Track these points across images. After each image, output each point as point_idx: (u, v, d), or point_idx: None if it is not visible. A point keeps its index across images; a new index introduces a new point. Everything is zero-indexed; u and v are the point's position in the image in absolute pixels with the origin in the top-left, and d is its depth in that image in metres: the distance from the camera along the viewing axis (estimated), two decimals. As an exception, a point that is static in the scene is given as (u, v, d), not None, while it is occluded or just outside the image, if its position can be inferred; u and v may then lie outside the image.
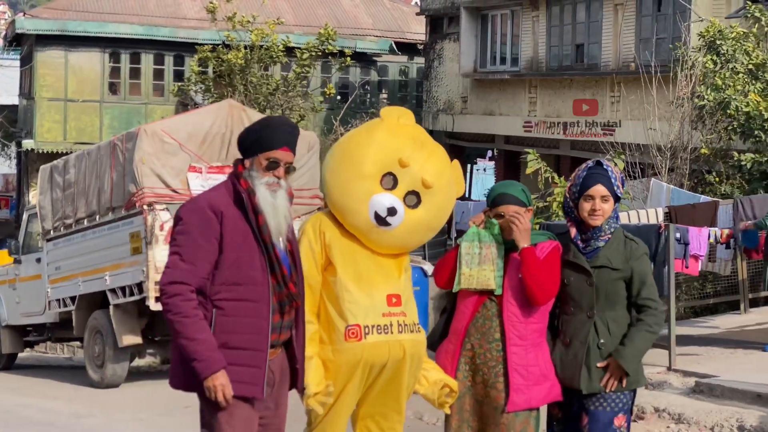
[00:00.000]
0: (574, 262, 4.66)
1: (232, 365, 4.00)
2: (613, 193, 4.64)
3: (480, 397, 4.68)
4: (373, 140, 4.65)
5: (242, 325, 4.04)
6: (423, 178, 4.63)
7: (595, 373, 4.58)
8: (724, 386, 8.25)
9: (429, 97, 26.55)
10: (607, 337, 4.60)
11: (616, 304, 4.64)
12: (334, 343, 4.55)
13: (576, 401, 4.69)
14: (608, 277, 4.62)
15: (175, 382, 4.13)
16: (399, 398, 4.70)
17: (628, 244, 4.68)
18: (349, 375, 4.55)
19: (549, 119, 20.99)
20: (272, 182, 4.12)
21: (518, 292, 4.62)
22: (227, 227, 4.04)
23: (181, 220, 4.07)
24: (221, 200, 4.08)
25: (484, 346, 4.66)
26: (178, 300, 3.95)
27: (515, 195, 4.70)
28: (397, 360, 4.59)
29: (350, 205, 4.58)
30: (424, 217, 4.68)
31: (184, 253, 4.00)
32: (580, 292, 4.63)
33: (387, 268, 4.68)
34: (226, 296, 4.04)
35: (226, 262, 4.04)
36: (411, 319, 4.68)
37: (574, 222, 4.71)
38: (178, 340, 3.95)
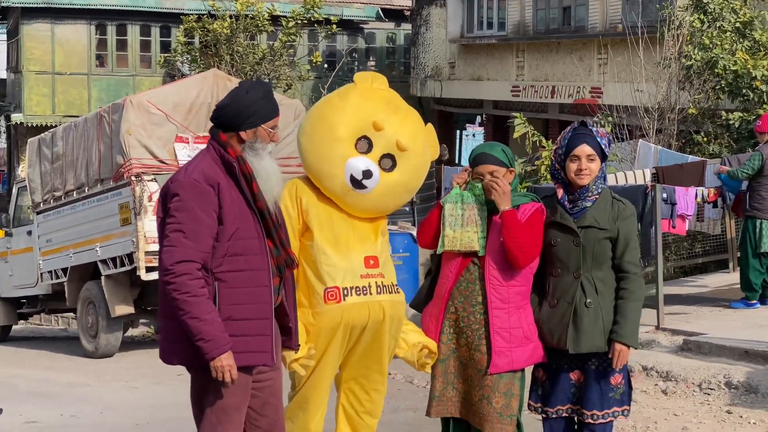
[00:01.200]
0: (560, 223, 4.64)
1: (240, 336, 4.00)
2: (599, 152, 4.62)
3: (464, 359, 4.69)
4: (347, 104, 4.66)
5: (246, 296, 4.03)
6: (398, 141, 4.65)
7: (583, 333, 4.57)
8: (711, 343, 8.31)
9: (417, 64, 26.44)
10: (594, 297, 4.60)
11: (603, 264, 4.63)
12: (313, 306, 4.58)
13: (565, 362, 4.69)
14: (595, 236, 4.61)
15: (170, 358, 4.10)
16: (381, 360, 4.72)
17: (615, 204, 4.67)
18: (329, 337, 4.57)
19: (537, 83, 20.93)
20: (271, 150, 4.13)
21: (499, 255, 4.61)
22: (224, 199, 4.02)
23: (177, 195, 3.99)
24: (213, 171, 4.04)
25: (468, 309, 4.66)
26: (186, 279, 3.91)
27: (495, 155, 4.68)
28: (377, 321, 4.62)
29: (326, 169, 4.59)
30: (399, 180, 4.70)
31: (186, 230, 3.95)
32: (567, 252, 4.62)
33: (364, 231, 4.71)
34: (228, 268, 4.02)
35: (226, 234, 4.02)
36: (389, 280, 4.71)
37: (561, 183, 4.70)
38: (185, 319, 3.91)
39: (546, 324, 4.66)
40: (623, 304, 4.59)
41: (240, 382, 4.05)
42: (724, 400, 7.30)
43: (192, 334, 3.92)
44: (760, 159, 9.76)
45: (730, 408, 7.09)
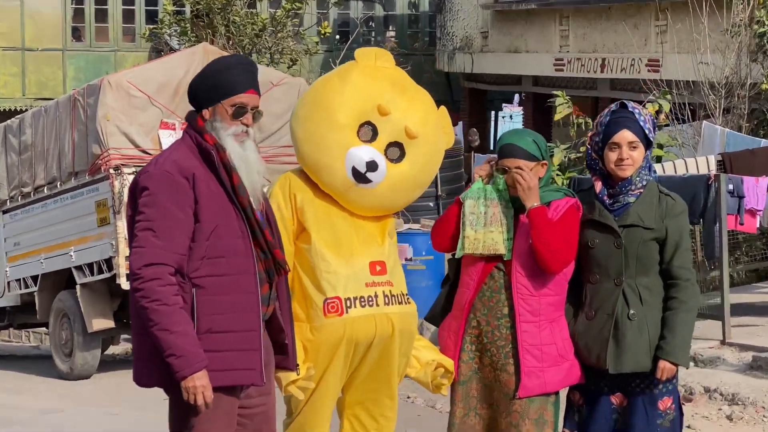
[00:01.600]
0: (599, 222, 4.67)
1: (222, 351, 4.02)
2: (642, 138, 4.64)
3: (489, 381, 4.72)
4: (347, 85, 4.68)
5: (228, 304, 4.05)
6: (406, 127, 4.67)
7: (625, 350, 4.59)
8: (787, 361, 8.33)
9: (443, 34, 26.47)
10: (639, 307, 4.62)
11: (649, 269, 4.66)
12: (311, 320, 4.60)
13: (605, 383, 4.72)
14: (639, 237, 4.63)
15: (144, 379, 4.13)
16: (390, 381, 4.76)
17: (663, 199, 4.69)
18: (330, 355, 4.60)
19: (584, 55, 20.93)
20: (240, 131, 4.13)
21: (528, 259, 4.63)
22: (201, 192, 4.04)
23: (146, 189, 4.01)
24: (188, 161, 4.07)
25: (492, 323, 4.68)
26: (155, 285, 3.92)
27: (523, 147, 4.69)
28: (385, 336, 4.64)
29: (324, 160, 4.62)
30: (409, 172, 4.72)
31: (156, 228, 3.97)
32: (607, 255, 4.65)
33: (368, 232, 4.73)
34: (207, 272, 4.04)
35: (204, 232, 4.04)
36: (398, 288, 4.73)
37: (600, 175, 4.73)
38: (154, 331, 3.93)
39: (583, 339, 4.69)
40: (672, 316, 4.61)
41: (223, 406, 4.08)
42: (800, 426, 7.34)
43: (161, 348, 3.94)
44: None
45: (806, 436, 7.13)
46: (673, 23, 17.89)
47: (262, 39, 20.18)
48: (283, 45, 20.55)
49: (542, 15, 22.37)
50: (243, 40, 19.81)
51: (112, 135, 10.79)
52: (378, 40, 28.54)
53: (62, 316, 11.82)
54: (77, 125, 11.31)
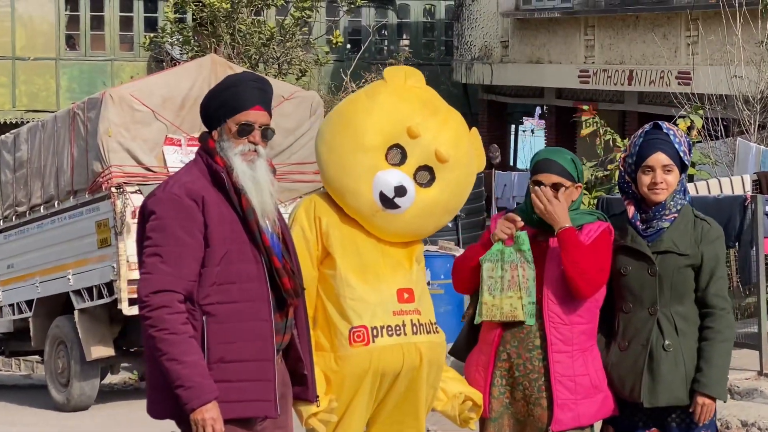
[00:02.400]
0: (632, 248, 4.77)
1: (235, 381, 4.12)
2: (678, 161, 4.74)
3: (522, 416, 4.80)
4: (375, 106, 4.77)
5: (241, 332, 4.15)
6: (437, 150, 4.74)
7: (661, 383, 4.69)
8: (827, 393, 8.41)
9: (461, 43, 26.63)
10: (674, 338, 4.71)
11: (684, 297, 4.75)
12: (336, 349, 4.67)
13: (640, 417, 4.81)
14: (675, 264, 4.72)
15: (157, 410, 4.23)
16: (417, 414, 4.83)
17: (698, 224, 4.79)
18: (355, 387, 4.68)
19: (611, 67, 21.06)
20: (247, 150, 4.22)
21: (560, 286, 4.72)
22: (211, 216, 4.14)
23: (153, 213, 4.13)
24: (198, 184, 4.17)
25: (524, 356, 4.77)
26: (164, 313, 4.03)
27: (562, 163, 4.78)
28: (412, 367, 4.72)
29: (350, 184, 4.71)
30: (439, 198, 4.81)
31: (165, 254, 4.07)
32: (641, 283, 4.74)
33: (396, 259, 4.81)
34: (218, 299, 4.14)
35: (215, 258, 4.13)
36: (427, 317, 4.80)
37: (632, 199, 4.82)
38: (162, 361, 4.04)
39: (615, 371, 4.78)
40: (709, 347, 4.70)
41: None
42: (842, 462, 7.42)
43: (170, 379, 4.03)
44: None
45: None
46: (705, 34, 18.01)
47: (269, 48, 20.35)
48: (291, 55, 20.72)
49: (566, 24, 22.52)
50: (249, 49, 19.98)
51: (113, 151, 10.91)
52: (391, 50, 28.70)
53: (58, 344, 11.92)
54: (77, 141, 11.44)
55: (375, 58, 27.38)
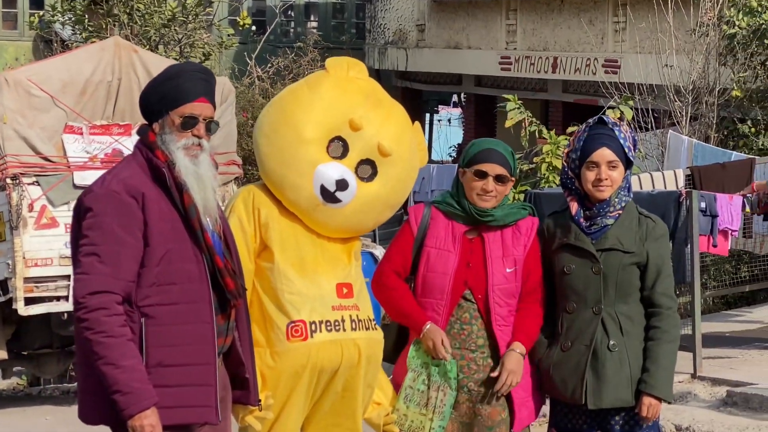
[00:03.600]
0: (576, 245, 4.99)
1: (175, 386, 4.27)
2: (623, 157, 4.97)
3: (466, 418, 5.05)
4: (317, 97, 4.98)
5: (181, 335, 4.29)
6: (379, 144, 4.96)
7: (605, 384, 4.91)
8: (762, 396, 8.69)
9: (373, 26, 26.79)
10: (619, 338, 4.94)
11: (629, 297, 4.99)
12: (272, 344, 4.87)
13: (583, 420, 5.03)
14: (619, 262, 4.95)
15: (90, 416, 4.35)
16: (354, 415, 5.04)
17: (643, 221, 5.03)
18: (293, 383, 4.88)
19: (534, 53, 21.33)
20: (191, 144, 4.37)
21: (503, 291, 5.02)
22: (151, 213, 4.27)
23: (90, 210, 4.26)
24: (138, 180, 4.30)
25: (467, 356, 5.02)
26: (101, 315, 4.16)
27: (503, 153, 5.05)
28: (350, 365, 4.94)
29: (290, 177, 4.90)
30: (380, 192, 5.02)
31: (102, 253, 4.20)
32: (585, 282, 4.97)
33: (334, 253, 5.02)
34: (158, 300, 4.28)
35: (155, 257, 4.27)
36: (365, 313, 5.02)
37: (576, 196, 5.05)
38: (99, 366, 4.17)
39: (557, 372, 5.00)
40: (656, 347, 4.94)
41: None
42: (779, 467, 7.72)
43: (107, 384, 4.17)
44: None
45: (785, 478, 7.52)
46: (634, 20, 18.37)
47: (170, 30, 20.28)
48: (194, 37, 20.67)
49: (487, 7, 22.77)
50: (149, 30, 19.88)
51: (9, 139, 10.86)
52: (298, 32, 28.77)
53: (-55, 346, 11.88)
54: (-32, 128, 11.40)
55: (281, 41, 27.42)
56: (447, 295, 5.03)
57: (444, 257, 5.06)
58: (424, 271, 5.09)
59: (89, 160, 11.08)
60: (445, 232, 5.10)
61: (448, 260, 5.05)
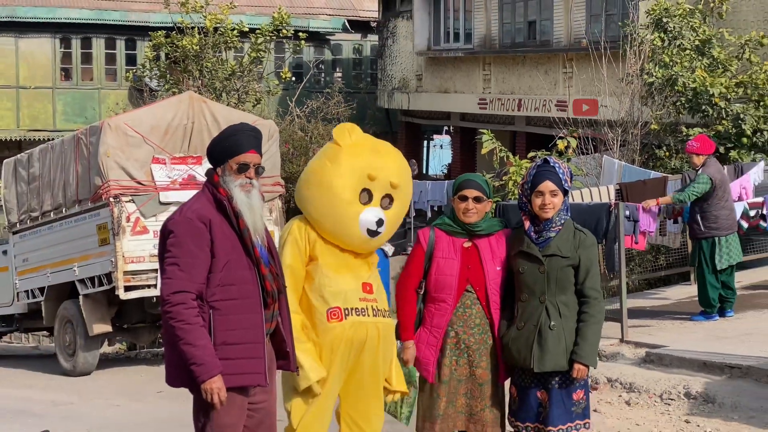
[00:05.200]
0: (527, 252, 5.15)
1: (235, 359, 4.46)
2: (561, 187, 5.13)
3: (462, 377, 5.28)
4: (340, 167, 5.18)
5: (239, 322, 4.49)
6: (391, 182, 5.20)
7: (547, 353, 5.08)
8: (672, 356, 8.79)
9: (384, 75, 26.89)
10: (558, 320, 5.11)
11: (566, 290, 5.14)
12: (316, 326, 5.10)
13: (532, 380, 5.20)
14: (558, 264, 5.11)
15: (174, 382, 4.57)
16: (377, 384, 5.24)
17: (577, 234, 5.18)
18: (333, 354, 5.08)
19: (504, 96, 21.43)
20: (245, 183, 4.57)
21: (497, 282, 5.23)
22: (216, 234, 4.48)
23: (172, 233, 4.48)
24: (206, 210, 4.52)
25: (468, 332, 5.25)
26: (181, 308, 4.37)
27: (478, 182, 5.29)
28: (373, 341, 5.17)
29: (343, 230, 5.14)
30: (398, 213, 5.29)
31: (181, 263, 4.42)
32: (533, 279, 5.13)
33: (359, 263, 5.27)
34: (221, 297, 4.48)
35: (219, 265, 4.48)
36: (382, 305, 5.27)
37: (528, 215, 5.21)
38: (180, 345, 4.38)
39: (514, 344, 5.17)
40: (584, 327, 5.11)
41: (236, 402, 4.51)
42: (684, 410, 7.79)
43: (186, 358, 4.38)
44: (710, 182, 10.11)
45: (688, 417, 7.58)
46: (578, 71, 18.47)
47: (230, 82, 20.43)
48: (248, 87, 20.83)
49: (468, 61, 22.86)
50: (214, 82, 20.05)
51: (111, 169, 11.05)
52: (327, 80, 28.90)
53: (66, 322, 12.03)
54: (81, 160, 11.55)
55: (314, 87, 27.58)
56: (454, 290, 5.24)
57: (450, 264, 5.27)
58: (435, 275, 5.29)
59: (171, 183, 11.27)
60: (448, 246, 5.30)
61: (453, 265, 5.26)
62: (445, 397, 5.26)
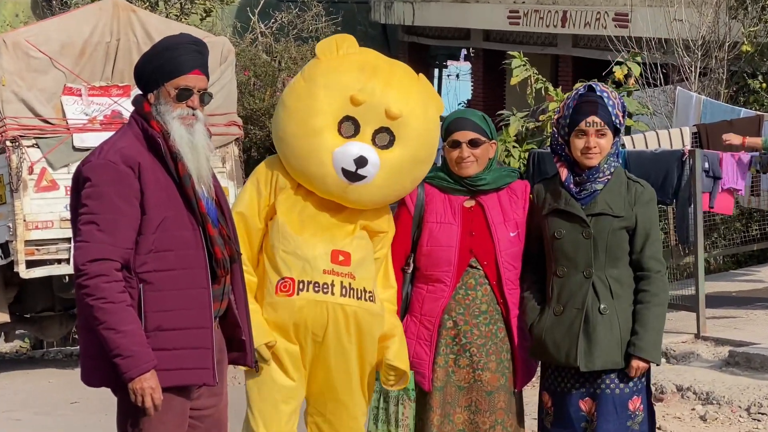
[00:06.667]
0: (566, 211, 5.17)
1: (172, 349, 4.48)
2: (610, 124, 5.14)
3: (465, 383, 5.28)
4: (313, 86, 5.17)
5: (178, 300, 4.51)
6: (387, 110, 5.14)
7: (596, 346, 5.10)
8: (765, 356, 8.82)
9: (380, -21, 26.75)
10: (610, 301, 5.13)
11: (619, 260, 5.17)
12: (263, 297, 5.17)
13: (573, 384, 5.23)
14: (609, 226, 5.13)
15: (91, 378, 4.58)
16: (351, 389, 5.23)
17: (631, 186, 5.20)
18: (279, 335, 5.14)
19: (542, 7, 21.33)
20: (186, 114, 4.57)
21: (510, 251, 5.27)
22: (147, 182, 4.48)
23: (88, 180, 4.47)
24: (134, 150, 4.52)
25: (471, 322, 5.26)
26: (100, 282, 4.37)
27: (473, 119, 5.29)
28: (338, 330, 5.14)
29: (313, 170, 5.13)
30: (404, 155, 5.19)
31: (101, 221, 4.41)
32: (575, 246, 5.15)
33: (339, 222, 5.21)
34: (155, 267, 4.49)
35: (151, 225, 4.48)
36: (361, 284, 5.20)
37: (565, 162, 5.23)
38: (100, 330, 4.38)
39: (549, 336, 5.18)
40: (645, 310, 5.15)
41: (174, 407, 4.54)
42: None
43: (108, 348, 4.39)
44: None
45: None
46: (644, -28, 18.37)
47: (169, -15, 20.38)
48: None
49: (494, -41, 22.78)
50: (147, -13, 20.00)
51: (8, 102, 11.01)
52: (302, -14, 28.73)
53: (-55, 310, 12.08)
54: (-35, 91, 11.54)
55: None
56: (454, 266, 5.25)
57: (446, 230, 5.29)
58: (428, 246, 5.31)
59: (88, 122, 11.26)
60: (443, 206, 5.33)
61: (451, 232, 5.28)
62: (439, 408, 5.27)
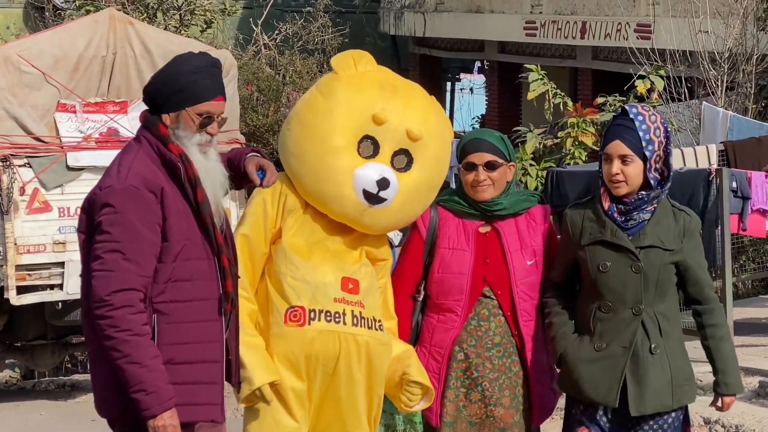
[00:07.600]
0: (613, 242, 5.02)
1: (183, 384, 4.46)
2: (638, 151, 4.98)
3: (477, 418, 5.26)
4: (334, 103, 5.15)
5: (192, 332, 4.51)
6: (408, 131, 5.15)
7: (648, 388, 5.01)
8: (798, 387, 8.86)
9: (389, -12, 26.81)
10: (659, 340, 5.03)
11: (666, 294, 5.08)
12: (270, 327, 5.09)
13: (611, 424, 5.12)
14: (660, 260, 5.03)
15: (109, 410, 4.54)
16: (360, 421, 5.18)
17: (678, 216, 5.10)
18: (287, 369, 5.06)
19: (561, 18, 21.36)
20: (204, 141, 4.56)
21: (526, 280, 5.23)
22: (169, 208, 4.46)
23: (109, 206, 4.42)
24: (153, 174, 4.48)
25: (483, 354, 5.23)
26: (127, 313, 4.34)
27: (490, 140, 5.26)
28: (350, 361, 5.10)
29: (330, 190, 5.08)
30: (421, 178, 5.21)
31: (126, 250, 4.37)
32: (624, 281, 5.02)
33: (347, 248, 5.19)
34: (171, 297, 4.48)
35: (172, 253, 4.47)
36: (370, 312, 5.19)
37: (607, 188, 5.08)
38: (121, 364, 4.35)
39: (587, 370, 5.06)
40: (718, 345, 5.13)
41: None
42: (815, 465, 7.86)
43: (129, 382, 4.36)
44: None
45: (821, 476, 7.66)
46: (668, -18, 18.37)
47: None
48: (195, 3, 20.80)
49: (510, -32, 22.81)
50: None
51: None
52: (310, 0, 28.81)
53: (-67, 338, 12.06)
54: (-46, 107, 11.54)
55: (289, 5, 27.47)
56: (466, 295, 5.23)
57: (459, 257, 5.28)
58: (439, 273, 5.30)
59: (83, 140, 11.24)
60: (456, 231, 5.32)
61: (464, 259, 5.27)
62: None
